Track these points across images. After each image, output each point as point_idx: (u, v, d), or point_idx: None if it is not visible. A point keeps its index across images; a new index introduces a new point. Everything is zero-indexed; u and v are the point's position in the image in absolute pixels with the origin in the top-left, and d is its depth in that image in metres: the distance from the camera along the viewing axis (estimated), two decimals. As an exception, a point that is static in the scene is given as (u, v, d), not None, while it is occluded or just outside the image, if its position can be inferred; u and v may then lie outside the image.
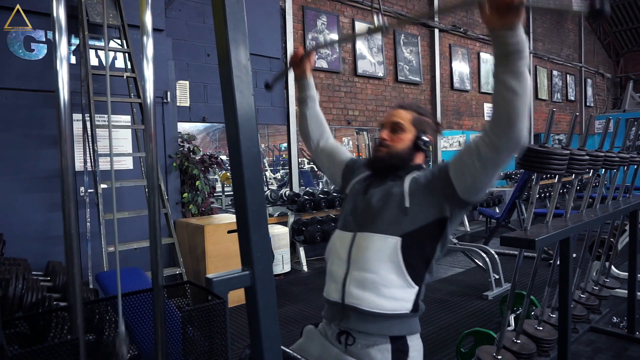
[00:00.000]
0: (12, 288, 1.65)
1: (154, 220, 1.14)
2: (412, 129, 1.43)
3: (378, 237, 1.31)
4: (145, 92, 1.12)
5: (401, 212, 1.31)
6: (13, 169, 3.56)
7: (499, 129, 1.13)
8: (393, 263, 1.28)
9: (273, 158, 9.77)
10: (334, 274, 1.39)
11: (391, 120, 1.45)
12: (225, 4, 1.09)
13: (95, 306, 1.30)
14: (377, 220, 1.33)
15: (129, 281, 2.16)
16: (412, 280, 1.29)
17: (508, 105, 1.09)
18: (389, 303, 1.28)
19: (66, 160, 0.95)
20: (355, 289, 1.31)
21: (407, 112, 1.45)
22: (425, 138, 1.43)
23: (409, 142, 1.42)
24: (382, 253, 1.29)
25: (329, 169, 1.70)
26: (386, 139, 1.43)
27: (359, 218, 1.39)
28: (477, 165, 1.20)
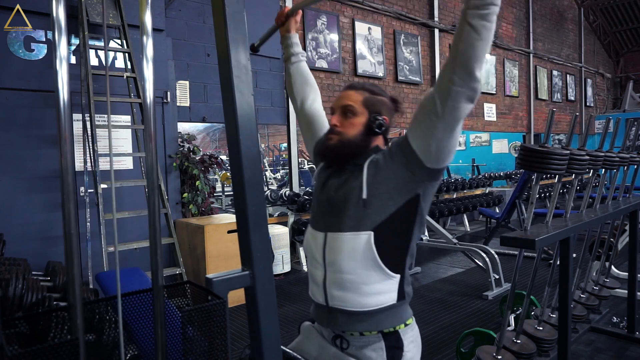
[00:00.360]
0: (12, 288, 1.65)
1: (154, 220, 1.14)
2: (365, 111, 1.31)
3: (348, 237, 1.24)
4: (145, 92, 1.12)
5: (363, 205, 1.23)
6: (13, 169, 3.56)
7: (458, 70, 1.09)
8: (368, 260, 1.23)
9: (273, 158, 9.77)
10: (314, 276, 1.34)
11: (341, 103, 1.33)
12: (225, 4, 1.09)
13: (95, 306, 1.30)
14: (343, 217, 1.27)
15: (129, 281, 2.16)
16: (391, 271, 1.24)
17: (471, 47, 1.07)
18: (372, 299, 1.24)
19: (66, 160, 0.96)
20: (336, 291, 1.27)
21: (358, 93, 1.32)
22: (380, 119, 1.30)
23: (361, 125, 1.30)
24: (356, 252, 1.23)
25: (305, 136, 1.62)
26: (337, 124, 1.32)
27: (325, 216, 1.33)
28: (436, 122, 1.14)
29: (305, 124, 1.61)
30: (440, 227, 4.83)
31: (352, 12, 6.79)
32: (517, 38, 10.30)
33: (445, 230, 4.80)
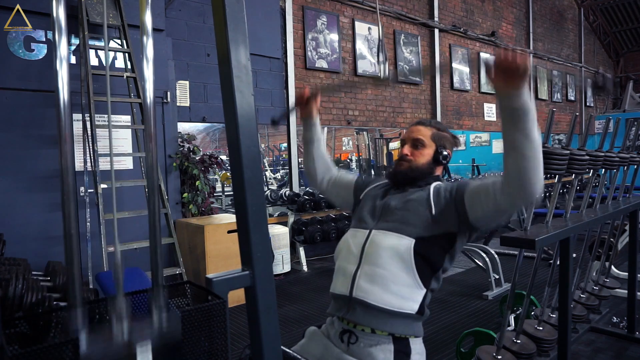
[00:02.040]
0: (12, 288, 1.65)
1: (154, 220, 1.14)
2: (432, 144, 1.51)
3: (393, 236, 1.35)
4: (145, 92, 1.12)
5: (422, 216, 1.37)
6: (13, 169, 3.56)
7: (511, 188, 1.19)
8: (404, 262, 1.32)
9: (273, 158, 9.77)
10: (344, 269, 1.41)
11: (412, 136, 1.52)
12: (225, 4, 1.09)
13: (95, 306, 1.30)
14: (395, 220, 1.39)
15: (129, 281, 2.16)
16: (420, 281, 1.33)
17: (518, 167, 1.15)
18: (396, 300, 1.30)
19: (66, 160, 0.95)
20: (364, 282, 1.33)
21: (427, 129, 1.52)
22: (445, 152, 1.51)
23: (429, 156, 1.50)
24: (395, 251, 1.33)
25: (339, 197, 1.74)
26: (408, 154, 1.50)
27: (376, 217, 1.45)
28: (491, 207, 1.28)
29: (334, 190, 1.74)
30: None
31: (352, 12, 6.79)
32: (517, 38, 10.29)
33: (445, 230, 4.79)
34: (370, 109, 7.03)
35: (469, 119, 8.94)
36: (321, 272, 5.25)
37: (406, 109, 7.63)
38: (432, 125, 1.55)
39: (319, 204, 5.56)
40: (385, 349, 1.31)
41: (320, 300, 4.22)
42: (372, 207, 1.50)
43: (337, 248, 1.52)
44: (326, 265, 5.56)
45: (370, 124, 7.11)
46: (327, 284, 4.79)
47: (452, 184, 1.45)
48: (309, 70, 6.17)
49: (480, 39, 9.10)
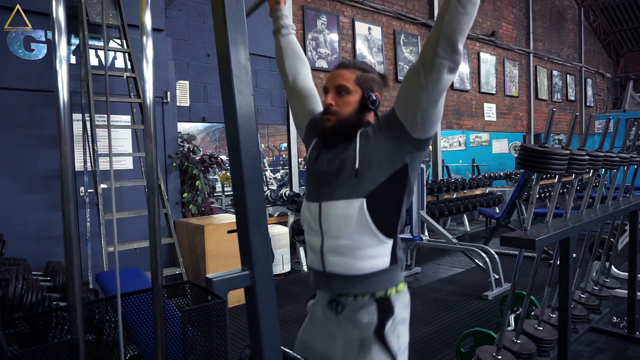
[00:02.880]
0: (12, 288, 1.65)
1: (153, 220, 1.14)
2: (358, 89, 1.37)
3: (342, 204, 1.31)
4: (145, 92, 1.12)
5: (355, 175, 1.30)
6: (13, 169, 3.56)
7: (442, 42, 1.15)
8: (362, 225, 1.29)
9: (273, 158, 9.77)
10: (312, 244, 1.40)
11: (334, 83, 1.37)
12: (225, 4, 1.09)
13: (95, 306, 1.30)
14: (335, 186, 1.33)
15: (129, 281, 2.16)
16: (384, 236, 1.30)
17: (455, 20, 1.13)
18: (367, 263, 1.30)
19: (66, 160, 0.96)
20: (332, 256, 1.33)
21: (350, 72, 1.37)
22: (372, 96, 1.36)
23: (355, 103, 1.37)
24: (350, 218, 1.29)
25: (297, 114, 1.64)
26: (332, 104, 1.36)
27: (319, 188, 1.39)
28: (420, 94, 1.20)
29: (297, 99, 1.63)
30: (440, 227, 4.82)
31: (352, 12, 6.79)
32: (517, 38, 10.29)
33: (445, 230, 4.80)
34: (370, 109, 7.03)
35: (469, 119, 8.94)
36: (321, 272, 5.25)
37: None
38: (356, 66, 1.39)
39: (319, 204, 5.55)
40: (369, 311, 1.32)
41: (320, 300, 4.22)
42: (312, 176, 1.43)
43: (300, 219, 1.51)
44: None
45: (370, 124, 7.10)
46: (327, 284, 4.68)
47: (378, 119, 1.38)
48: (309, 70, 6.16)
49: (480, 39, 9.10)
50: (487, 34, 9.31)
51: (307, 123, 1.58)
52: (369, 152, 1.31)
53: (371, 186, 1.29)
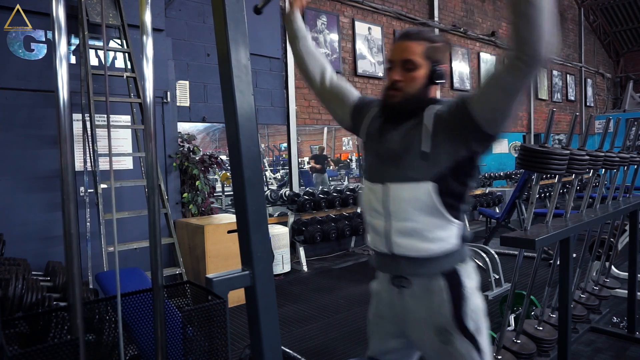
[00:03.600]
0: (12, 288, 1.65)
1: (153, 220, 1.14)
2: (426, 62, 1.30)
3: (409, 186, 1.28)
4: (145, 92, 1.12)
5: (424, 157, 1.27)
6: (13, 169, 3.55)
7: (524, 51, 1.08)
8: (431, 207, 1.27)
9: (273, 158, 9.77)
10: (375, 226, 1.37)
11: (401, 57, 1.30)
12: (225, 4, 1.09)
13: (95, 306, 1.30)
14: (403, 167, 1.30)
15: (129, 281, 2.15)
16: (452, 217, 1.29)
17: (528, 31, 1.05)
18: (435, 245, 1.29)
19: (66, 160, 0.96)
20: (400, 239, 1.31)
21: (417, 44, 1.30)
22: (441, 70, 1.31)
23: (423, 78, 1.30)
24: (418, 201, 1.27)
25: (335, 111, 1.61)
26: (399, 79, 1.30)
27: (383, 167, 1.35)
28: (501, 96, 1.17)
29: (331, 97, 1.60)
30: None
31: (352, 12, 6.79)
32: (517, 38, 10.28)
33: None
34: (370, 109, 7.03)
35: (469, 119, 8.93)
36: (321, 272, 5.25)
37: (406, 109, 7.63)
38: (422, 37, 1.31)
39: (319, 204, 5.56)
40: (439, 289, 1.32)
41: (320, 300, 4.22)
42: (376, 154, 1.39)
43: (360, 200, 1.48)
44: (326, 265, 5.56)
45: (370, 124, 7.10)
46: (327, 284, 4.77)
47: (450, 102, 1.31)
48: (309, 70, 6.16)
49: (480, 39, 9.10)
50: (487, 34, 9.31)
51: (350, 114, 1.55)
52: (438, 135, 1.27)
53: (439, 170, 1.27)
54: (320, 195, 5.66)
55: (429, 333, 1.34)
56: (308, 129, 8.80)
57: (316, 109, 6.30)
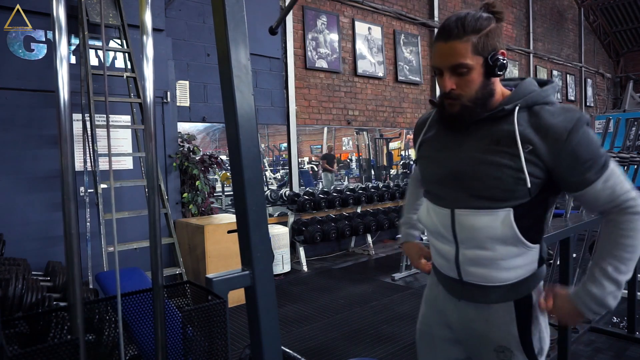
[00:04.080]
0: (12, 288, 1.65)
1: (154, 220, 1.14)
2: (478, 58, 1.09)
3: (484, 214, 1.14)
4: (145, 92, 1.12)
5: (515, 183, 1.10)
6: (13, 169, 3.55)
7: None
8: (508, 236, 1.13)
9: (273, 158, 9.76)
10: (442, 251, 1.25)
11: (449, 63, 1.11)
12: (225, 4, 1.09)
13: (95, 306, 1.30)
14: (476, 192, 1.15)
15: (129, 281, 2.16)
16: (531, 243, 1.16)
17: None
18: (512, 274, 1.18)
19: (66, 160, 0.96)
20: (471, 267, 1.19)
21: (463, 43, 1.08)
22: (499, 59, 1.10)
23: (480, 76, 1.11)
24: (493, 229, 1.13)
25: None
26: (453, 88, 1.12)
27: (448, 190, 1.20)
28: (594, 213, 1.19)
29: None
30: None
31: (352, 12, 6.79)
32: (517, 38, 10.29)
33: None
34: (370, 109, 7.03)
35: (469, 119, 8.93)
36: (321, 272, 5.25)
37: (406, 109, 7.63)
38: (467, 31, 1.08)
39: (319, 204, 5.56)
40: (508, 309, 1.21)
41: (320, 300, 4.22)
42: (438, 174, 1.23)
43: (420, 217, 1.35)
44: (326, 265, 5.56)
45: (370, 124, 7.11)
46: (327, 284, 4.77)
47: (571, 133, 1.07)
48: (309, 70, 6.17)
49: (480, 39, 9.10)
50: (487, 34, 9.31)
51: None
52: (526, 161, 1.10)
53: (523, 198, 1.13)
54: (320, 195, 5.66)
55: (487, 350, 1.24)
56: (308, 129, 8.79)
57: (316, 109, 6.30)
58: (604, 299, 1.09)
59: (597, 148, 1.09)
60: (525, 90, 1.15)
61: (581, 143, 1.07)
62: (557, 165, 1.09)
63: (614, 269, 1.09)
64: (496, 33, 1.11)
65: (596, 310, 1.10)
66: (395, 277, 4.82)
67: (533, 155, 1.09)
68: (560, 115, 1.09)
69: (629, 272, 1.09)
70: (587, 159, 1.08)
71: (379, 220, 6.01)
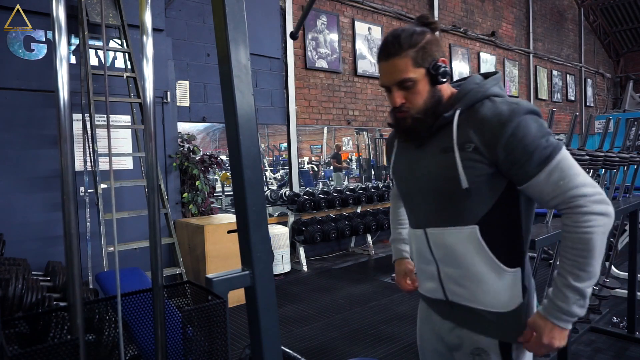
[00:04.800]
0: (12, 288, 1.65)
1: (154, 220, 1.14)
2: (420, 70, 1.12)
3: (450, 232, 1.14)
4: (145, 92, 1.12)
5: (462, 195, 1.10)
6: (13, 169, 3.56)
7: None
8: (479, 254, 1.12)
9: (273, 158, 9.77)
10: (427, 272, 1.25)
11: (393, 80, 1.13)
12: (225, 4, 1.09)
13: (95, 306, 1.30)
14: (440, 206, 1.15)
15: (129, 281, 2.16)
16: (507, 266, 1.13)
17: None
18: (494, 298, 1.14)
19: (66, 160, 0.96)
20: (453, 285, 1.19)
21: (402, 59, 1.11)
22: (440, 67, 1.12)
23: (426, 87, 1.13)
24: (462, 247, 1.13)
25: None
26: (403, 102, 1.15)
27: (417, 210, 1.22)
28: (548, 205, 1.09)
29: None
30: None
31: (352, 12, 6.79)
32: (517, 38, 10.29)
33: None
34: (370, 109, 7.03)
35: (469, 119, 8.94)
36: (321, 272, 5.25)
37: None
38: (404, 46, 1.11)
39: (318, 204, 5.56)
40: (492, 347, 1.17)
41: (320, 300, 4.22)
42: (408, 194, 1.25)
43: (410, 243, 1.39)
44: (326, 265, 5.56)
45: (370, 124, 7.10)
46: (327, 284, 4.77)
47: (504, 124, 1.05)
48: (309, 70, 6.17)
49: (480, 39, 9.10)
50: (487, 34, 9.31)
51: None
52: (472, 166, 1.09)
53: (482, 208, 1.11)
54: (320, 195, 5.67)
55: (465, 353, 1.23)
56: (308, 129, 8.80)
57: (316, 109, 6.30)
58: (570, 309, 1.05)
59: (536, 138, 1.04)
60: (466, 89, 1.15)
61: (516, 133, 1.04)
62: (497, 159, 1.06)
63: (574, 278, 1.04)
64: (433, 43, 1.14)
65: (567, 321, 1.06)
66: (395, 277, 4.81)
67: (476, 154, 1.08)
68: (497, 108, 1.08)
69: (591, 277, 1.04)
70: (525, 150, 1.04)
71: (379, 220, 6.01)
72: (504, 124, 1.05)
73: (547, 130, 1.07)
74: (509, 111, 1.06)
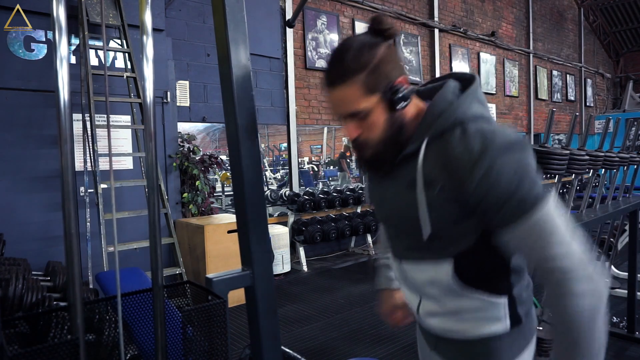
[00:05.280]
0: (12, 288, 1.65)
1: (154, 220, 1.14)
2: (374, 96, 0.92)
3: (426, 266, 1.01)
4: (145, 92, 1.12)
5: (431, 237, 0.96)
6: (13, 169, 3.56)
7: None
8: (457, 289, 0.98)
9: (273, 158, 9.77)
10: (409, 300, 1.15)
11: (344, 112, 0.96)
12: (225, 4, 1.09)
13: (95, 306, 1.30)
14: (409, 246, 1.04)
15: (129, 281, 2.16)
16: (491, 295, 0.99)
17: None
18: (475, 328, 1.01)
19: (66, 160, 0.96)
20: (432, 319, 1.07)
21: (350, 87, 0.91)
22: (397, 89, 0.93)
23: (383, 115, 0.94)
24: (439, 284, 1.00)
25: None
26: (358, 133, 0.97)
27: (393, 242, 1.12)
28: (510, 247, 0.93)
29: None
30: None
31: (352, 12, 6.79)
32: (517, 38, 10.29)
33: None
34: (370, 109, 7.03)
35: (469, 119, 8.94)
36: (321, 272, 5.25)
37: (406, 109, 7.64)
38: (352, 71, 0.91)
39: (318, 204, 5.56)
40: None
41: (320, 300, 4.22)
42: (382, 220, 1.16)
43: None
44: (326, 265, 5.56)
45: (370, 124, 7.10)
46: (327, 284, 4.76)
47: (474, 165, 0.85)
48: (308, 70, 6.17)
49: (480, 39, 9.10)
50: (487, 34, 9.31)
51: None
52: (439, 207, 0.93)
53: (457, 248, 0.96)
54: (320, 195, 5.67)
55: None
56: (308, 129, 8.80)
57: (316, 109, 6.30)
58: None
59: (511, 184, 0.84)
60: (435, 111, 0.95)
61: (488, 176, 0.85)
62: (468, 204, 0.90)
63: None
64: (387, 61, 0.93)
65: None
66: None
67: (445, 194, 0.91)
68: (468, 142, 0.87)
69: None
70: (498, 199, 0.85)
71: (379, 220, 6.01)
72: (474, 165, 0.86)
73: (528, 171, 0.86)
74: (481, 147, 0.86)
